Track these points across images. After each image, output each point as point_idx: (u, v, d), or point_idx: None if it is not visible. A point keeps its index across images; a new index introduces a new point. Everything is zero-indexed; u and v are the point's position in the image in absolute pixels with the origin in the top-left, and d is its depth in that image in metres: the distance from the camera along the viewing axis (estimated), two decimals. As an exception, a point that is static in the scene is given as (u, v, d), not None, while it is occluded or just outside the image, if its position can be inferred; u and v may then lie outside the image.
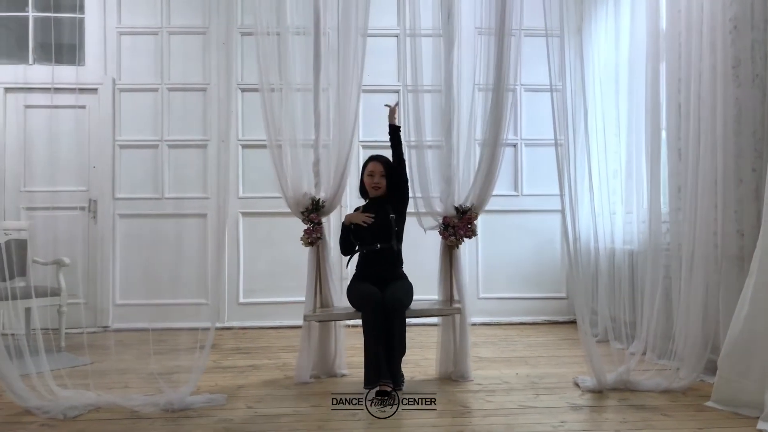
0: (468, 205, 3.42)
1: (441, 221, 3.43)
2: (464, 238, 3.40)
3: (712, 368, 3.02)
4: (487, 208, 4.06)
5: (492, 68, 3.35)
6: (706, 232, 3.18)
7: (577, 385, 3.18)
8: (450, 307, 3.36)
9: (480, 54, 3.46)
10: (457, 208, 3.41)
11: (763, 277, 2.66)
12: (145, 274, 5.03)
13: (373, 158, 3.43)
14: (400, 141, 3.40)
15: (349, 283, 3.38)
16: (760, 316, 2.67)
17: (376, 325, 3.02)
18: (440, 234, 3.45)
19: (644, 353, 3.52)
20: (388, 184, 3.38)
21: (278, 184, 3.41)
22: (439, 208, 3.44)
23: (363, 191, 3.48)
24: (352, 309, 3.29)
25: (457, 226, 3.38)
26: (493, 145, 3.36)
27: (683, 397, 2.96)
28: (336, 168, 3.40)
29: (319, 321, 3.40)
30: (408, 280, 3.35)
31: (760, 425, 2.49)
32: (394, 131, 3.39)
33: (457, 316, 3.37)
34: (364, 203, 3.51)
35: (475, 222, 3.43)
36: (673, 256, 3.49)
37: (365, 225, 3.30)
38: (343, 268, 4.26)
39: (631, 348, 3.64)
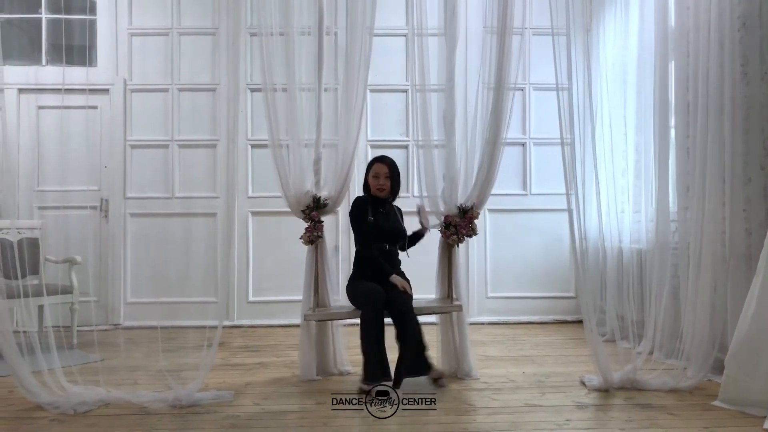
0: (469, 204, 3.43)
1: (442, 220, 3.44)
2: (465, 237, 3.41)
3: (719, 367, 3.00)
4: (495, 207, 4.06)
5: (494, 67, 3.36)
6: (714, 230, 3.16)
7: (583, 383, 3.18)
8: (450, 304, 3.37)
9: (483, 53, 3.46)
10: (459, 207, 3.41)
11: (771, 276, 2.64)
12: (156, 273, 5.08)
13: (378, 159, 3.42)
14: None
15: (347, 282, 3.39)
16: (767, 315, 2.65)
17: (378, 324, 3.04)
18: (441, 233, 3.46)
19: (651, 352, 3.51)
20: (392, 187, 3.39)
21: (279, 182, 3.42)
22: (442, 207, 3.45)
23: (366, 191, 3.47)
24: (351, 308, 3.30)
25: (459, 225, 3.39)
26: (493, 144, 3.37)
27: (690, 397, 2.95)
28: (341, 167, 3.41)
29: (319, 320, 3.41)
30: (406, 277, 3.36)
31: (767, 425, 2.48)
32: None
33: (455, 314, 3.40)
34: (370, 198, 3.44)
35: (475, 221, 3.43)
36: (681, 255, 3.48)
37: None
38: (340, 268, 4.27)
39: (638, 347, 3.63)
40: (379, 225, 3.32)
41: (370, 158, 4.91)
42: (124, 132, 5.18)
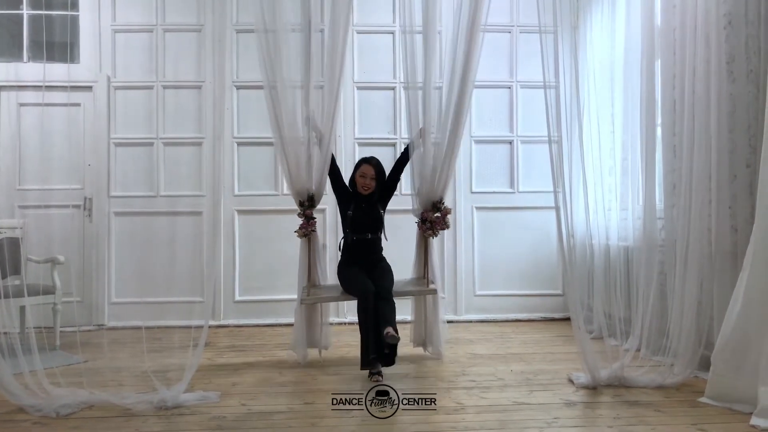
0: (443, 200, 3.68)
1: (419, 216, 3.72)
2: (439, 231, 3.70)
3: (706, 364, 3.02)
4: (483, 205, 4.13)
5: (460, 64, 3.52)
6: (701, 228, 3.18)
7: (571, 381, 3.18)
8: (426, 288, 3.66)
9: (452, 50, 3.61)
10: (434, 204, 3.66)
11: (756, 273, 2.66)
12: (140, 272, 5.02)
13: (365, 160, 3.63)
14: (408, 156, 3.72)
15: (338, 265, 3.67)
16: (753, 311, 2.67)
17: (373, 313, 3.26)
18: (418, 227, 3.75)
19: (639, 349, 3.53)
20: (376, 186, 3.61)
21: (285, 177, 3.68)
22: (415, 203, 3.71)
23: (351, 185, 3.68)
24: (341, 290, 3.59)
25: (434, 222, 3.66)
26: (454, 135, 3.60)
27: (677, 393, 2.96)
28: (324, 162, 3.59)
29: (314, 303, 3.65)
30: (387, 262, 3.67)
31: (754, 421, 2.49)
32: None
33: (430, 296, 3.72)
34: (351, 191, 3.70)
35: (449, 216, 3.71)
36: (668, 252, 3.50)
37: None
38: (329, 253, 4.46)
39: (626, 344, 3.64)
40: (357, 219, 3.58)
41: (356, 155, 4.94)
42: (107, 129, 5.11)
